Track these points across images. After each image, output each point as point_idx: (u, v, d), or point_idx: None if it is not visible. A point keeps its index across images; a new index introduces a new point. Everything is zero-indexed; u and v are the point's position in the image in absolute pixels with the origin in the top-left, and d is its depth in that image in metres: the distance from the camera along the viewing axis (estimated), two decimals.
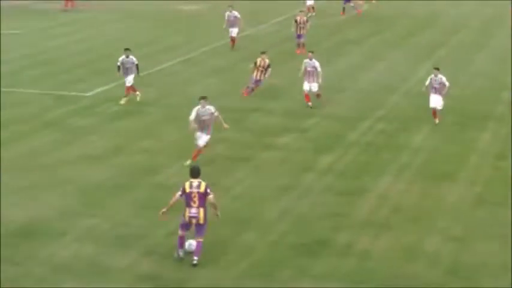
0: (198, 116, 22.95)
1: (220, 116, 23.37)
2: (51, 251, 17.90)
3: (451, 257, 17.61)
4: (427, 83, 27.70)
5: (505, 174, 22.85)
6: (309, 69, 30.15)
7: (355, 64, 38.51)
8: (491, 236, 18.66)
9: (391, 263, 17.28)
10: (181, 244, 17.17)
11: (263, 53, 31.67)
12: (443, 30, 48.84)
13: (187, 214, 16.84)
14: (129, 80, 30.55)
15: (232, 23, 41.71)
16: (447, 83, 27.39)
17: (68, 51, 42.51)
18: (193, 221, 16.82)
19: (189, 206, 16.77)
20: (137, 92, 30.83)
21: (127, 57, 30.58)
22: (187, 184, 16.90)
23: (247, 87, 31.88)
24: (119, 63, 30.75)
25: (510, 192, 21.19)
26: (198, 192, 16.76)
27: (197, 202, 16.73)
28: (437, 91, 27.37)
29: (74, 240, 18.57)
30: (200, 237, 16.99)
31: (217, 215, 17.27)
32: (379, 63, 38.60)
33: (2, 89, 32.88)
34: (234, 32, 41.93)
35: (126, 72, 30.61)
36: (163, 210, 17.27)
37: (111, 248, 18.13)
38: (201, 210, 16.77)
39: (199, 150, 23.44)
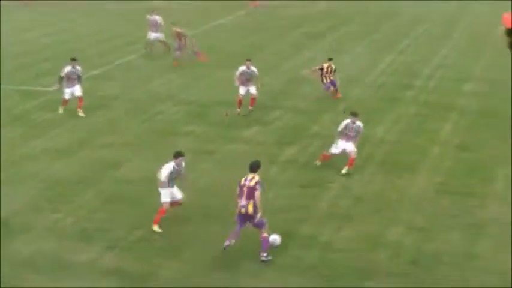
0: (171, 175, 18.85)
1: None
2: (14, 248, 17.78)
3: (413, 246, 17.81)
4: (340, 128, 22.83)
5: (466, 164, 23.15)
6: (247, 77, 28.37)
7: (316, 57, 38.55)
8: (453, 225, 18.90)
9: (354, 253, 17.45)
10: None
11: (330, 59, 30.76)
12: (405, 24, 49.19)
13: (238, 205, 17.26)
14: (76, 89, 28.28)
15: (151, 27, 39.57)
16: (362, 130, 23.00)
17: (33, 46, 42.22)
18: (243, 210, 17.17)
19: (240, 197, 17.23)
20: (81, 109, 28.47)
21: (73, 67, 28.08)
22: (243, 177, 17.34)
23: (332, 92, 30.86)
24: (62, 74, 28.02)
25: (471, 182, 21.54)
26: (248, 187, 17.12)
27: (245, 195, 17.13)
28: (350, 139, 22.76)
29: (37, 235, 18.46)
30: (263, 232, 17.25)
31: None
32: (341, 56, 38.66)
33: None
34: (153, 36, 39.63)
35: (72, 83, 28.18)
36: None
37: (75, 242, 18.08)
38: (249, 202, 17.09)
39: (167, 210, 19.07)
